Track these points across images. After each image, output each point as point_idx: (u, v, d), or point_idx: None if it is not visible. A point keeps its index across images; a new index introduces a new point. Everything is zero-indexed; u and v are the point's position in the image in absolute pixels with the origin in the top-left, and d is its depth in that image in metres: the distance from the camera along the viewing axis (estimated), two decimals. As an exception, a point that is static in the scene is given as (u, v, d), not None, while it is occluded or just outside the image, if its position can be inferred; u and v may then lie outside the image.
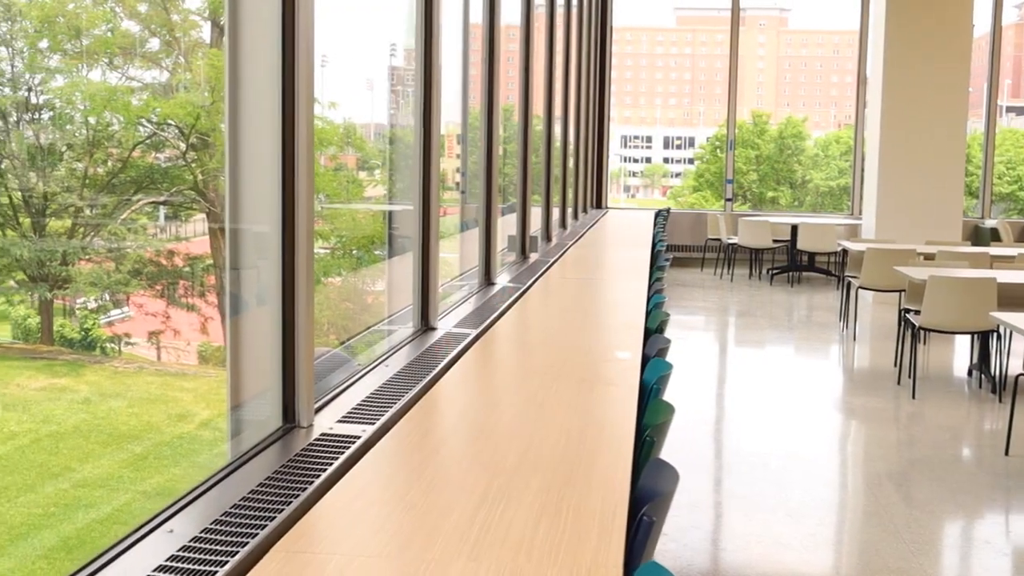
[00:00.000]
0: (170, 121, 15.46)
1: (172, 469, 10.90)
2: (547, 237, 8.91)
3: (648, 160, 23.17)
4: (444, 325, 4.41)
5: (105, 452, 11.06)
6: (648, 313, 4.91)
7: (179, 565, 1.99)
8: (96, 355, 14.33)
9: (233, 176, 2.75)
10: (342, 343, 4.42)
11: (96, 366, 13.74)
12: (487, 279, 5.82)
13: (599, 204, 16.55)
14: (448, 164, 7.61)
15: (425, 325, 4.30)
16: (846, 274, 11.00)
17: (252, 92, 2.78)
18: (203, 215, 15.91)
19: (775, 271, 15.03)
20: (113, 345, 14.86)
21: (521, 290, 5.64)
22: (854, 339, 10.48)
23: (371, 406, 3.11)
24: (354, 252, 13.73)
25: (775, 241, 14.90)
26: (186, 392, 13.00)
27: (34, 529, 9.34)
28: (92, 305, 15.16)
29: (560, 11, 9.85)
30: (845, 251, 11.41)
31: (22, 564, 8.84)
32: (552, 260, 7.28)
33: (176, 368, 14.40)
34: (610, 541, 2.15)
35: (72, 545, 9.22)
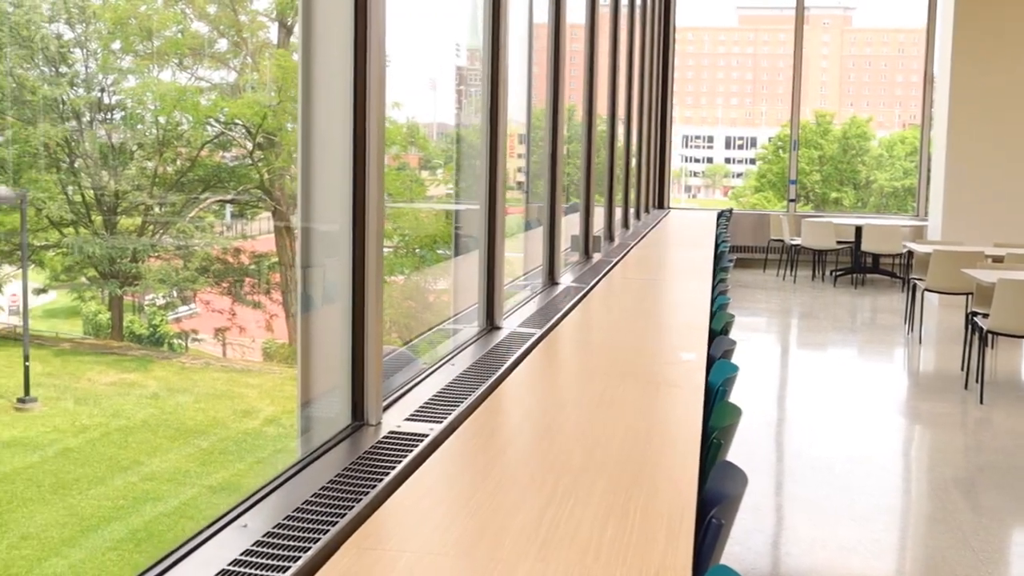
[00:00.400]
0: (237, 121, 15.73)
1: (237, 464, 11.07)
2: (610, 237, 8.89)
3: (709, 160, 23.03)
4: (509, 324, 4.43)
5: (172, 447, 11.27)
6: (712, 314, 4.89)
7: (253, 560, 2.03)
8: (164, 351, 14.60)
9: (305, 176, 2.80)
10: (406, 343, 4.45)
11: (164, 362, 14.02)
12: (551, 279, 5.83)
13: (661, 204, 16.48)
14: (510, 164, 7.64)
15: (490, 324, 4.32)
16: (911, 276, 10.84)
17: (324, 92, 2.81)
18: (268, 213, 16.14)
19: (839, 273, 14.85)
20: (180, 341, 15.13)
21: (585, 290, 5.64)
22: (920, 342, 10.33)
23: (438, 405, 3.14)
24: (417, 251, 13.82)
25: (839, 242, 14.72)
26: (251, 388, 13.21)
27: (104, 521, 9.54)
28: (160, 302, 15.45)
29: (624, 11, 9.83)
30: (910, 253, 11.24)
31: (92, 555, 9.04)
32: (615, 260, 7.27)
33: (241, 365, 14.63)
34: (678, 543, 2.15)
35: (140, 538, 9.41)
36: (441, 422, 2.94)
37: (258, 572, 1.98)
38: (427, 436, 2.80)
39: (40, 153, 15.03)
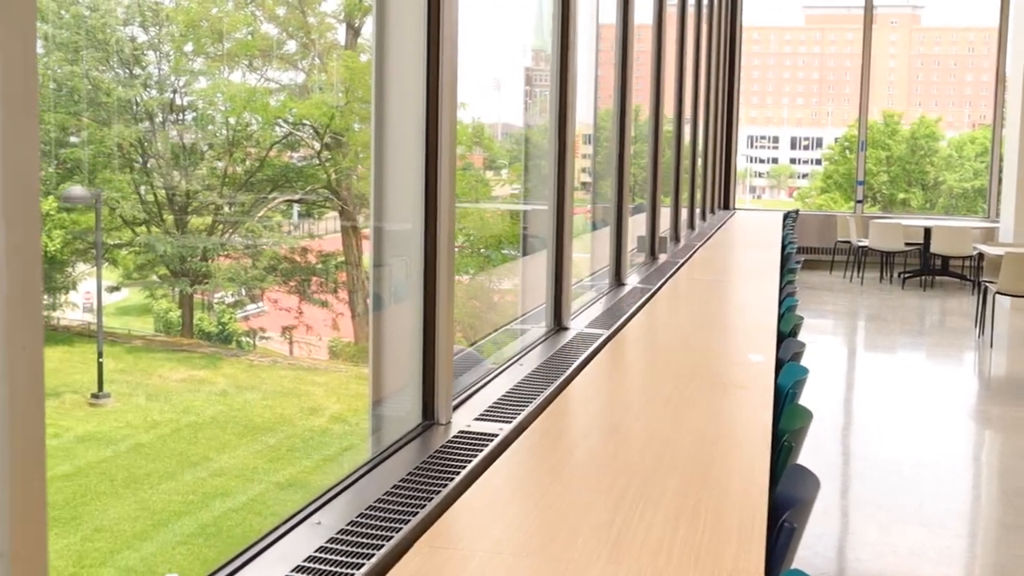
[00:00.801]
0: (305, 121, 15.92)
1: (303, 461, 11.22)
2: (676, 238, 8.86)
3: (775, 161, 22.83)
4: (576, 325, 4.43)
5: (240, 443, 11.45)
6: (781, 316, 4.85)
7: (328, 556, 2.06)
8: (232, 348, 14.84)
9: (378, 175, 2.83)
10: (472, 344, 4.47)
11: (232, 359, 14.24)
12: (617, 280, 5.83)
13: (727, 205, 16.36)
14: (576, 164, 7.63)
15: (558, 325, 4.33)
16: (982, 279, 10.64)
17: (396, 92, 2.84)
18: (335, 213, 16.32)
19: (907, 275, 14.63)
20: (248, 339, 15.36)
21: (651, 291, 5.63)
22: (991, 346, 10.13)
23: (507, 405, 3.15)
24: (482, 251, 13.86)
25: (907, 244, 14.50)
26: (317, 386, 13.37)
27: (174, 516, 9.72)
28: (229, 300, 15.69)
29: (691, 10, 9.78)
30: (981, 255, 11.04)
31: (163, 549, 9.22)
32: (681, 261, 7.24)
33: (308, 363, 14.80)
34: (751, 546, 2.14)
35: (209, 532, 9.58)
36: (510, 422, 2.96)
37: (332, 569, 2.01)
38: (496, 436, 2.82)
39: (114, 153, 15.36)
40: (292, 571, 1.99)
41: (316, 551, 2.08)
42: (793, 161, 22.43)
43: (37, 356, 1.39)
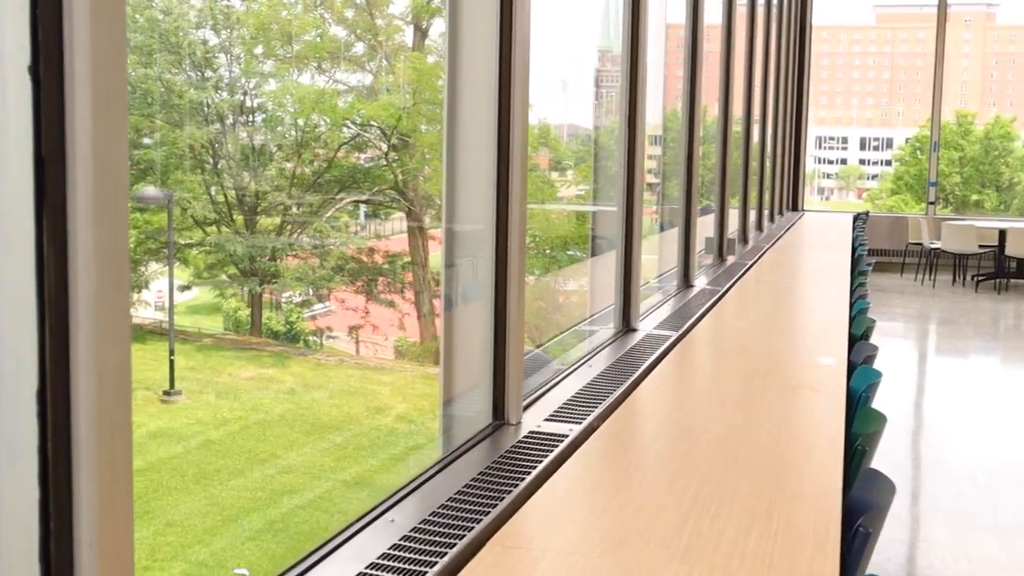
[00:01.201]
0: (373, 122, 16.04)
1: (369, 460, 11.32)
2: (744, 239, 8.78)
3: (843, 162, 22.55)
4: (645, 327, 4.42)
5: (308, 441, 11.59)
6: (852, 319, 4.79)
7: (401, 554, 2.08)
8: (300, 347, 15.01)
9: (449, 176, 2.84)
10: (539, 346, 4.48)
11: (300, 358, 14.41)
12: (685, 281, 5.79)
13: (795, 207, 16.18)
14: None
15: (626, 326, 4.32)
16: (1061, 282, 10.41)
17: (468, 93, 2.86)
18: (402, 214, 16.42)
19: (980, 278, 14.35)
20: (315, 338, 15.52)
21: (720, 293, 5.59)
22: (1069, 351, 9.91)
23: (576, 406, 3.15)
24: (548, 252, 13.86)
25: (981, 246, 14.22)
26: (383, 386, 13.47)
27: (243, 512, 9.86)
28: (297, 299, 15.87)
29: (761, 10, 9.69)
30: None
31: (232, 544, 9.36)
32: (750, 263, 7.17)
33: (374, 362, 14.92)
34: (825, 551, 2.12)
35: (277, 528, 9.71)
36: (580, 423, 2.95)
37: (406, 566, 2.03)
38: (567, 437, 2.82)
39: (186, 155, 15.63)
40: (366, 568, 2.01)
41: (390, 548, 2.10)
42: (862, 162, 22.13)
43: (124, 353, 1.42)
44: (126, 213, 1.43)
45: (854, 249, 8.70)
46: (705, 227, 7.16)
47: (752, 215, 9.82)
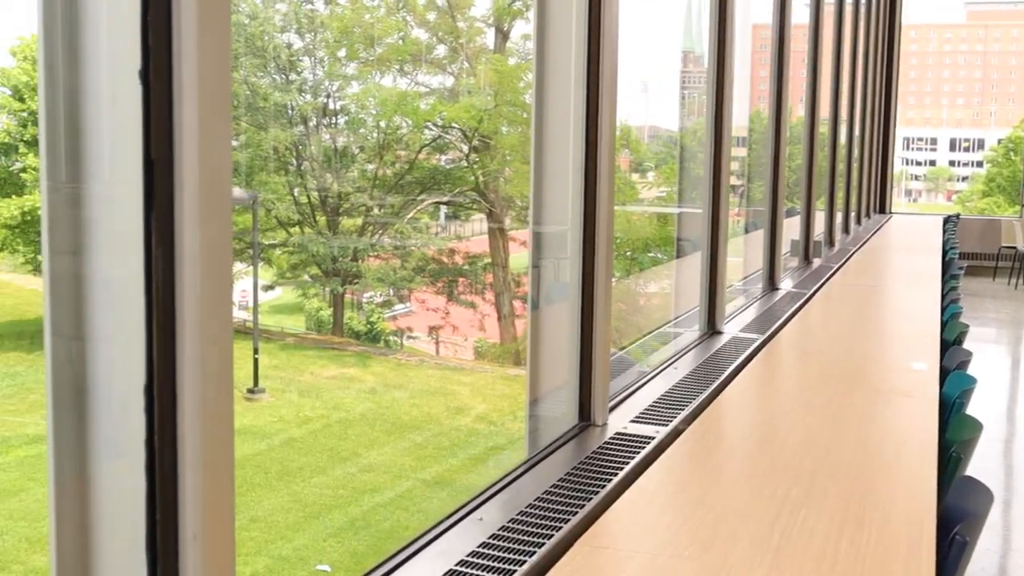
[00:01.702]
0: (454, 124, 16.13)
1: (449, 460, 11.40)
2: (830, 242, 8.65)
3: (932, 163, 22.09)
4: (730, 329, 4.38)
5: (388, 440, 11.71)
6: (944, 324, 4.69)
7: (490, 552, 2.09)
8: (380, 347, 15.15)
9: (537, 179, 2.85)
10: (621, 348, 4.47)
11: (381, 358, 14.54)
12: (771, 284, 5.73)
13: (882, 209, 15.89)
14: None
15: (712, 329, 4.29)
16: None
17: (556, 97, 2.86)
18: (482, 215, 16.48)
19: (1076, 282, 13.95)
20: (396, 338, 15.64)
21: (806, 296, 5.52)
22: None
23: (662, 408, 3.14)
24: (628, 254, 13.81)
25: (1078, 250, 13.82)
26: (463, 386, 13.54)
27: (325, 509, 10.00)
28: (378, 300, 16.01)
29: (849, 8, 9.54)
30: None
31: (314, 541, 9.49)
32: (836, 266, 7.07)
33: (454, 363, 15.00)
34: (920, 559, 2.08)
35: (359, 526, 9.82)
36: (666, 425, 2.94)
37: (495, 564, 2.04)
38: (653, 439, 2.81)
39: (270, 156, 15.88)
40: (456, 565, 2.03)
41: (479, 546, 2.11)
42: (952, 163, 21.68)
43: (227, 349, 1.45)
44: (230, 214, 1.46)
45: (945, 252, 8.51)
46: (791, 229, 7.07)
47: (839, 217, 9.66)
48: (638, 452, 2.71)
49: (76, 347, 1.45)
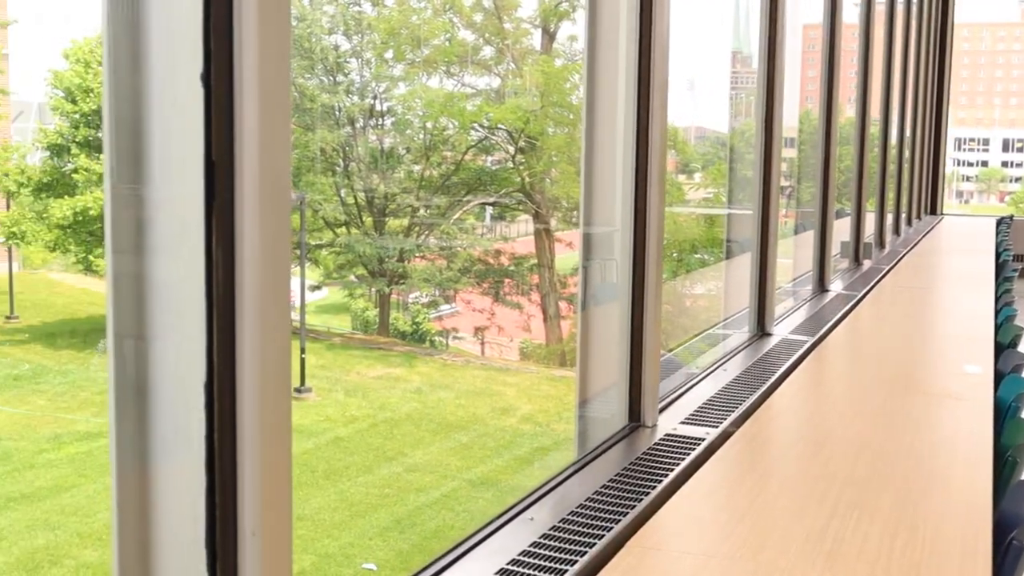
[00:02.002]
0: (500, 125, 16.14)
1: (495, 460, 11.42)
2: (881, 243, 8.55)
3: (984, 164, 21.77)
4: (779, 331, 4.35)
5: (434, 440, 11.76)
6: (998, 327, 4.63)
7: (541, 551, 2.10)
8: (426, 348, 15.20)
9: (587, 179, 2.86)
10: (669, 350, 4.45)
11: (426, 358, 14.59)
12: (821, 285, 5.68)
13: (933, 210, 15.69)
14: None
15: (761, 330, 4.26)
16: None
17: (607, 97, 2.86)
18: (528, 216, 16.47)
19: None
20: (442, 339, 15.69)
21: (856, 298, 5.47)
22: None
23: (712, 409, 3.13)
24: (674, 255, 13.75)
25: None
26: (509, 387, 13.55)
27: (371, 508, 10.06)
28: (424, 300, 16.06)
29: (900, 7, 9.44)
30: None
31: (360, 539, 9.55)
32: (887, 268, 6.99)
33: (499, 363, 15.01)
34: (975, 564, 2.06)
35: (404, 526, 9.87)
36: (716, 427, 2.93)
37: (546, 564, 2.05)
38: (703, 440, 2.80)
39: (317, 157, 15.99)
40: (507, 564, 2.04)
41: (530, 545, 2.12)
42: (1005, 164, 21.36)
43: (285, 347, 1.47)
44: (288, 214, 1.48)
45: (998, 254, 8.39)
46: (840, 231, 7.02)
47: (889, 219, 9.56)
48: (688, 453, 2.70)
49: (138, 345, 1.48)
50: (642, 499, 2.37)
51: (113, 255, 1.48)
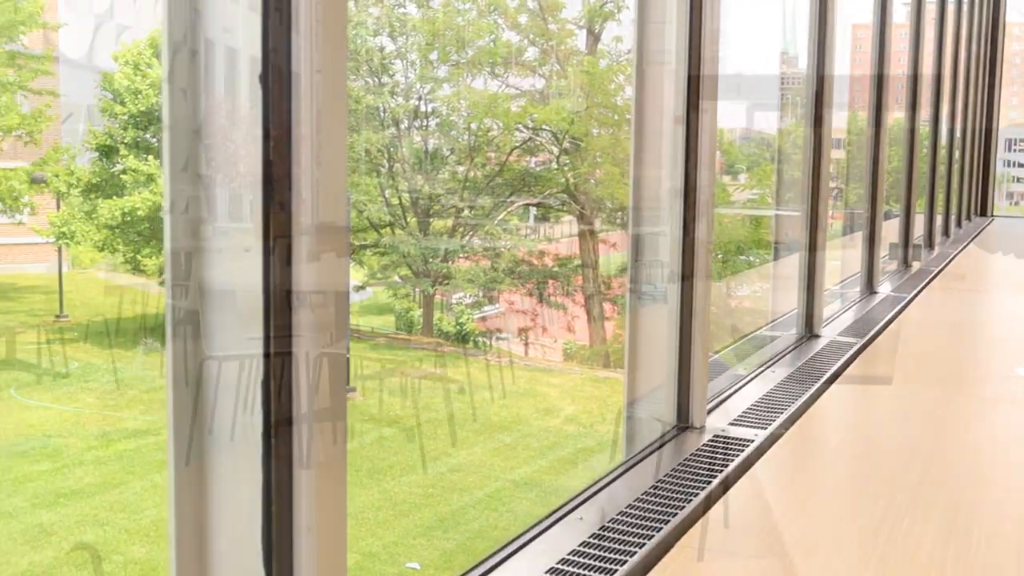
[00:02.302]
0: (545, 126, 16.13)
1: (538, 461, 11.40)
2: (929, 245, 8.45)
3: (1034, 164, 21.44)
4: (828, 333, 4.32)
5: (477, 440, 11.76)
6: (1051, 330, 4.56)
7: (591, 551, 2.10)
8: (470, 348, 15.21)
9: (636, 181, 2.85)
10: (715, 352, 4.42)
11: (470, 358, 14.60)
12: (869, 287, 5.63)
13: (983, 212, 15.47)
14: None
15: (809, 332, 4.23)
16: None
17: (654, 100, 2.86)
18: (571, 217, 16.45)
19: None
20: (485, 340, 15.70)
21: (905, 300, 5.41)
22: None
23: (761, 411, 3.11)
24: (719, 256, 13.67)
25: None
26: (552, 388, 13.54)
27: (414, 507, 10.08)
28: (467, 301, 16.08)
29: (951, 7, 9.32)
30: None
31: (403, 538, 9.58)
32: (936, 269, 6.91)
33: (543, 364, 15.00)
34: (1032, 569, 2.04)
35: (448, 525, 9.87)
36: (765, 428, 2.91)
37: (596, 563, 2.04)
38: (752, 442, 2.79)
39: (362, 158, 16.06)
40: (557, 563, 2.04)
41: (579, 545, 2.12)
42: (1055, 165, 21.03)
43: (341, 347, 1.48)
44: (345, 213, 1.49)
45: (1049, 257, 8.26)
46: (889, 232, 6.94)
47: (938, 220, 9.44)
48: (738, 455, 2.69)
49: (195, 344, 1.49)
50: (691, 500, 2.36)
51: (171, 255, 1.50)
